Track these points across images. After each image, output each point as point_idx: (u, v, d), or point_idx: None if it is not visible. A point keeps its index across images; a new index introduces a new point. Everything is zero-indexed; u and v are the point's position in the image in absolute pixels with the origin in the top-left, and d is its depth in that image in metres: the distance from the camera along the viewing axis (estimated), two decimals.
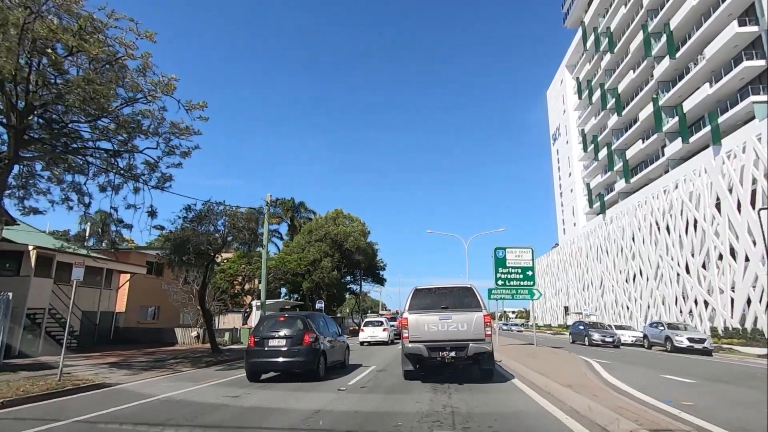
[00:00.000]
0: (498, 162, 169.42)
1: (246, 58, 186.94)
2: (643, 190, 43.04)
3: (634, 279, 41.89)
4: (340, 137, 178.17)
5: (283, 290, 43.02)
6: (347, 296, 63.58)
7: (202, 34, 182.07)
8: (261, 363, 9.99)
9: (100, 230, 36.59)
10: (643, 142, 45.67)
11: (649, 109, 43.97)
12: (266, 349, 10.00)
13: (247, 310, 28.21)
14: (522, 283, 18.36)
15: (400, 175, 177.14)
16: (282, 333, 10.24)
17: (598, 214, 57.04)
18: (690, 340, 21.22)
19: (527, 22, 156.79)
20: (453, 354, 8.37)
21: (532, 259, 18.64)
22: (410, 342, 8.72)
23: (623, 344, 28.16)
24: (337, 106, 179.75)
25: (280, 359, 9.86)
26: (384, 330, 22.76)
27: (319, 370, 9.99)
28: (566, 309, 61.67)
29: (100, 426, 5.91)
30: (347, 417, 6.15)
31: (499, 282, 18.41)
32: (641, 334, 28.40)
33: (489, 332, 8.53)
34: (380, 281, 52.56)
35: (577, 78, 64.45)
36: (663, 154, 42.83)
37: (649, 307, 39.11)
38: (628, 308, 43.51)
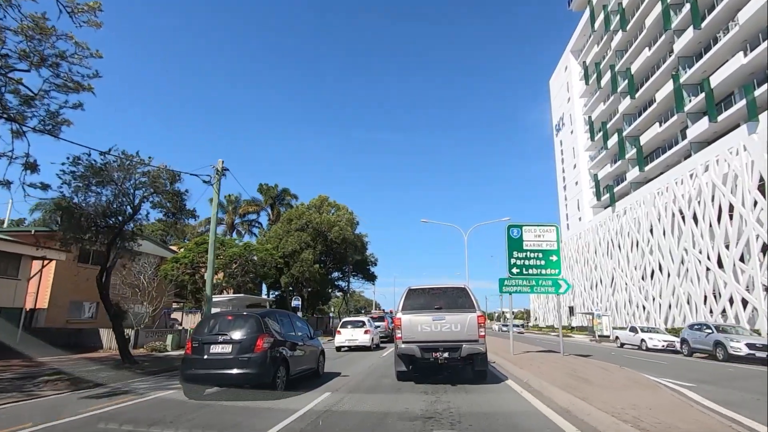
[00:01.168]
0: (497, 158, 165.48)
1: (248, 56, 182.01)
2: (660, 179, 38.76)
3: (652, 275, 37.60)
4: (337, 133, 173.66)
5: (270, 286, 38.57)
6: (337, 294, 59.14)
7: (188, 17, 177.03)
8: (198, 376, 7.91)
9: None
10: (661, 126, 41.43)
11: (668, 88, 39.73)
12: (206, 357, 7.97)
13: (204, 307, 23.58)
14: (544, 271, 13.93)
15: (397, 173, 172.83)
16: (228, 336, 8.19)
17: (606, 207, 52.83)
18: (749, 346, 16.83)
19: (529, 12, 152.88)
20: (446, 355, 8.28)
21: (557, 241, 14.22)
22: (403, 342, 8.58)
23: (649, 350, 23.92)
24: (336, 103, 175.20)
25: (224, 371, 7.86)
26: (366, 332, 18.28)
27: (276, 383, 8.04)
28: (571, 309, 57.36)
29: None
30: None
31: (514, 270, 13.97)
32: (673, 339, 24.13)
33: (483, 333, 8.39)
34: (371, 278, 48.05)
35: (584, 62, 60.26)
36: (683, 138, 38.59)
37: (670, 306, 34.80)
38: (644, 308, 39.21)
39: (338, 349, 18.53)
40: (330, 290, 47.56)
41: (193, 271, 26.68)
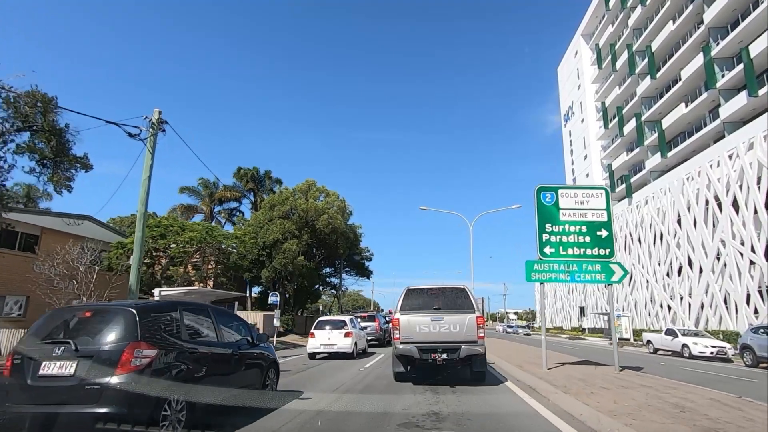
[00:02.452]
0: (499, 154, 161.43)
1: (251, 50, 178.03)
2: (688, 164, 34.61)
3: (679, 271, 33.50)
4: (335, 133, 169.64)
5: (252, 281, 34.59)
6: (330, 291, 55.09)
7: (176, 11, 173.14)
8: (12, 416, 4.53)
9: None
10: (687, 106, 37.37)
11: (696, 63, 35.67)
12: (31, 382, 4.54)
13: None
14: (589, 251, 9.89)
15: (398, 171, 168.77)
16: (73, 346, 4.63)
17: (621, 199, 48.75)
18: None
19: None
20: (445, 356, 8.10)
21: (608, 210, 10.17)
22: (401, 343, 8.35)
23: (694, 357, 19.91)
24: (334, 98, 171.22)
25: (59, 408, 4.43)
26: (347, 335, 14.24)
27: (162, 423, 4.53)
28: (582, 310, 53.22)
29: None
30: None
31: (547, 250, 9.95)
32: (723, 344, 20.13)
33: (482, 334, 8.20)
34: (365, 273, 43.93)
35: (596, 45, 56.19)
36: (713, 118, 34.58)
37: (702, 306, 30.68)
38: (669, 308, 35.09)
39: (312, 356, 14.52)
40: (320, 287, 43.53)
41: (152, 261, 22.70)
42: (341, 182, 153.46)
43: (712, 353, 19.35)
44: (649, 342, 24.08)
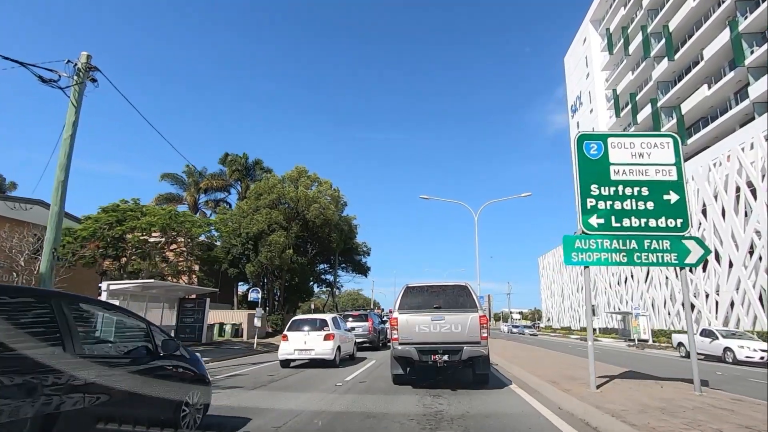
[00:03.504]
0: (502, 150, 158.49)
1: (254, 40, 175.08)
2: (715, 148, 31.72)
3: (705, 266, 30.64)
4: (334, 131, 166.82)
5: (237, 277, 31.96)
6: (325, 289, 52.29)
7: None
8: None
9: None
10: (710, 88, 34.54)
11: (721, 40, 32.80)
12: None
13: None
14: (655, 221, 7.11)
15: (400, 172, 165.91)
16: None
17: None
18: None
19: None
20: (446, 357, 7.59)
21: (678, 165, 7.37)
22: (400, 344, 7.82)
23: (738, 362, 17.11)
24: (331, 94, 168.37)
25: None
26: (327, 338, 11.45)
27: None
28: (592, 309, 50.34)
29: None
30: None
31: (593, 220, 7.23)
32: None
33: (485, 334, 7.71)
34: (362, 270, 41.15)
35: (607, 30, 53.28)
36: (741, 99, 31.75)
37: (733, 304, 27.83)
38: (692, 307, 32.18)
39: (285, 364, 11.74)
40: (313, 283, 40.79)
41: (117, 253, 19.97)
42: (341, 180, 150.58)
43: (762, 358, 16.53)
44: (680, 345, 21.23)
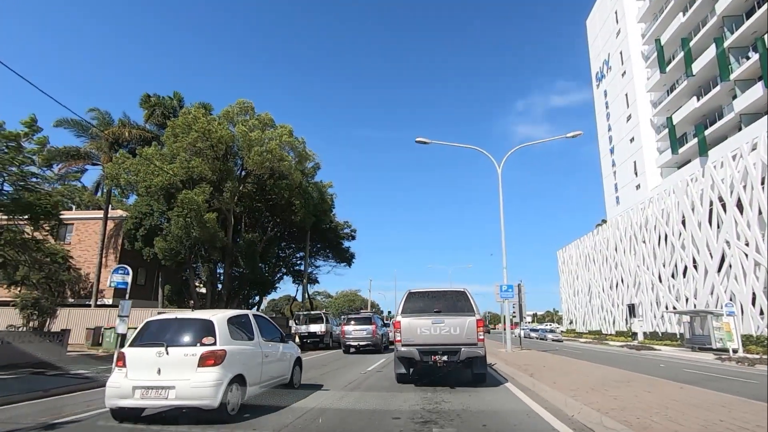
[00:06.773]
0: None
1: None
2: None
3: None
4: (337, 130, 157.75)
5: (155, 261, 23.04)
6: (319, 286, 42.93)
7: None
8: None
9: None
10: None
11: None
12: None
13: None
14: None
15: (404, 172, 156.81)
16: None
17: (686, 163, 36.58)
18: None
19: None
20: (445, 358, 8.21)
21: None
22: (403, 345, 8.44)
23: None
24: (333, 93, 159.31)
25: None
26: (205, 362, 2.07)
27: None
28: (631, 308, 40.76)
29: None
30: None
31: None
32: None
33: (482, 337, 8.35)
34: (344, 257, 31.95)
35: None
36: None
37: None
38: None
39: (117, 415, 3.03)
40: (284, 274, 31.57)
41: None
42: (340, 177, 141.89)
43: None
44: None
